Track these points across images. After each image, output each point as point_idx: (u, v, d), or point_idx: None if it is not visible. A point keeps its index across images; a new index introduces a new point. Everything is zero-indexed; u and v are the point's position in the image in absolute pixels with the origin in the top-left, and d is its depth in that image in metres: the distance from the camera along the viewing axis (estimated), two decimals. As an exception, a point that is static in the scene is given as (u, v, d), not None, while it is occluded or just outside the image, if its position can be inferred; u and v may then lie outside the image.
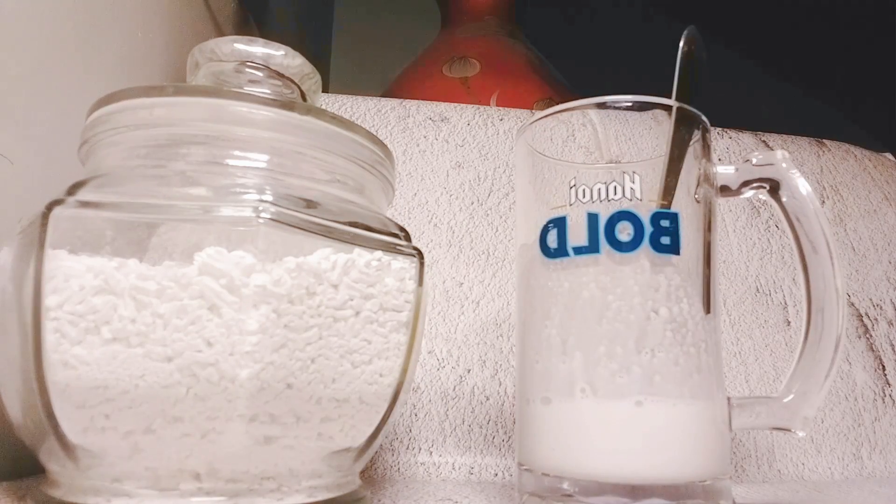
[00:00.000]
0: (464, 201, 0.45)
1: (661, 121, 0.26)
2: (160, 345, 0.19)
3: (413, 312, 0.23)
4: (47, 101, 0.29)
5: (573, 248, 0.25)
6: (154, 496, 0.20)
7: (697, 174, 0.26)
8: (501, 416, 0.38)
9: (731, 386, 0.41)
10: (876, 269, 0.48)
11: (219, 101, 0.22)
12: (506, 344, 0.40)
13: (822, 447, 0.40)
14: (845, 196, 0.52)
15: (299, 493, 0.22)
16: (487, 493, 0.30)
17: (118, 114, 0.23)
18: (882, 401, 0.43)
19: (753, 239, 0.47)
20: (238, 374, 0.19)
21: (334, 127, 0.24)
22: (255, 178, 0.22)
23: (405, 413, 0.37)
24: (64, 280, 0.19)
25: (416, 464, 0.36)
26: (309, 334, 0.21)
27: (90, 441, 0.19)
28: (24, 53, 0.27)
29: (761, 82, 1.21)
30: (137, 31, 0.37)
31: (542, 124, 0.28)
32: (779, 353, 0.43)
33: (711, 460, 0.24)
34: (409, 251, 0.24)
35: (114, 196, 0.21)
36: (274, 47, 0.27)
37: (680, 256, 0.25)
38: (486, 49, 0.75)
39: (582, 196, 0.25)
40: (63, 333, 0.19)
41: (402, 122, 0.48)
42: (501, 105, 0.66)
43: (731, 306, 0.44)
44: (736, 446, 0.39)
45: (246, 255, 0.20)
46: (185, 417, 0.19)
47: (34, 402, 0.19)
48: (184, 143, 0.22)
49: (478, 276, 0.42)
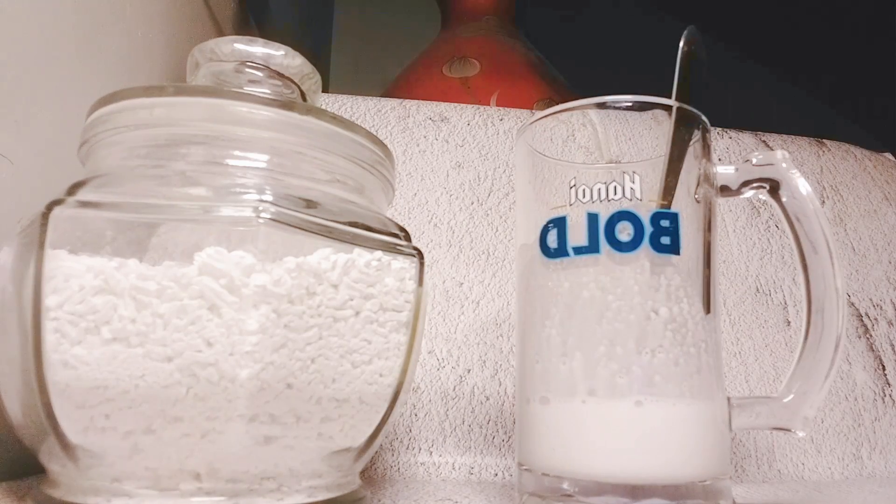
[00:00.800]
0: (464, 201, 0.45)
1: (662, 121, 0.26)
2: (160, 345, 0.19)
3: (413, 312, 0.23)
4: (47, 101, 0.29)
5: (573, 248, 0.25)
6: (154, 496, 0.20)
7: (697, 174, 0.26)
8: (501, 416, 0.38)
9: (731, 386, 0.41)
10: (876, 269, 0.48)
11: (219, 101, 0.22)
12: (506, 344, 0.40)
13: (822, 447, 0.40)
14: (845, 196, 0.52)
15: (299, 493, 0.22)
16: (487, 493, 0.30)
17: (118, 114, 0.23)
18: (882, 401, 0.43)
19: (753, 239, 0.47)
20: (238, 374, 0.19)
21: (334, 127, 0.24)
22: (255, 178, 0.22)
23: (405, 413, 0.37)
24: (64, 280, 0.19)
25: (416, 464, 0.36)
26: (309, 334, 0.21)
27: (90, 441, 0.19)
28: (24, 53, 0.27)
29: (761, 82, 1.21)
30: (137, 31, 0.37)
31: (542, 124, 0.28)
32: (779, 353, 0.43)
33: (711, 460, 0.24)
34: (409, 251, 0.24)
35: (114, 196, 0.21)
36: (274, 47, 0.27)
37: (680, 256, 0.25)
38: (486, 49, 0.75)
39: (582, 196, 0.25)
40: (63, 333, 0.19)
41: (402, 122, 0.48)
42: (501, 105, 0.66)
43: (731, 306, 0.44)
44: (736, 446, 0.39)
45: (246, 255, 0.20)
46: (185, 417, 0.19)
47: (34, 402, 0.19)
48: (184, 143, 0.22)
49: (478, 276, 0.42)
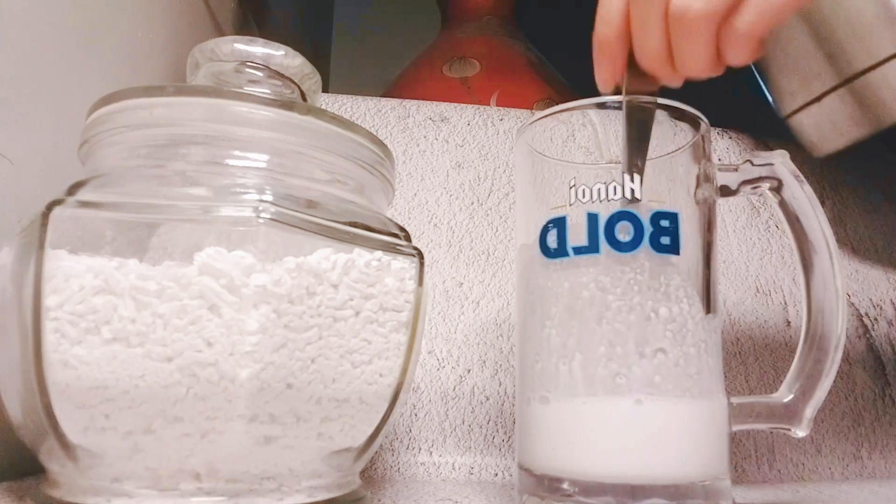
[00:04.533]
0: (464, 201, 0.45)
1: (662, 121, 0.26)
2: (160, 345, 0.19)
3: (413, 312, 0.23)
4: (47, 101, 0.29)
5: (573, 248, 0.25)
6: (154, 496, 0.20)
7: (697, 174, 0.26)
8: (501, 416, 0.38)
9: (731, 386, 0.41)
10: (876, 269, 0.48)
11: (219, 101, 0.22)
12: (506, 344, 0.40)
13: (822, 447, 0.40)
14: (845, 196, 0.52)
15: (299, 493, 0.22)
16: (487, 493, 0.30)
17: (118, 114, 0.23)
18: (882, 401, 0.43)
19: (753, 239, 0.47)
20: (238, 374, 0.19)
21: (334, 127, 0.24)
22: (255, 178, 0.22)
23: (405, 413, 0.37)
24: (64, 280, 0.19)
25: (416, 464, 0.36)
26: (309, 334, 0.21)
27: (90, 441, 0.19)
28: (24, 53, 0.27)
29: (761, 82, 1.20)
30: (137, 30, 0.37)
31: (542, 124, 0.28)
32: (779, 353, 0.43)
33: (711, 460, 0.24)
34: (409, 251, 0.24)
35: (114, 196, 0.21)
36: (274, 47, 0.27)
37: (680, 256, 0.25)
38: (486, 49, 0.74)
39: (582, 196, 0.25)
40: (63, 333, 0.19)
41: (402, 122, 0.48)
42: (501, 105, 0.66)
43: (731, 306, 0.44)
44: (736, 446, 0.39)
45: (246, 255, 0.20)
46: (185, 417, 0.19)
47: (34, 402, 0.19)
48: (184, 143, 0.22)
49: (478, 276, 0.42)
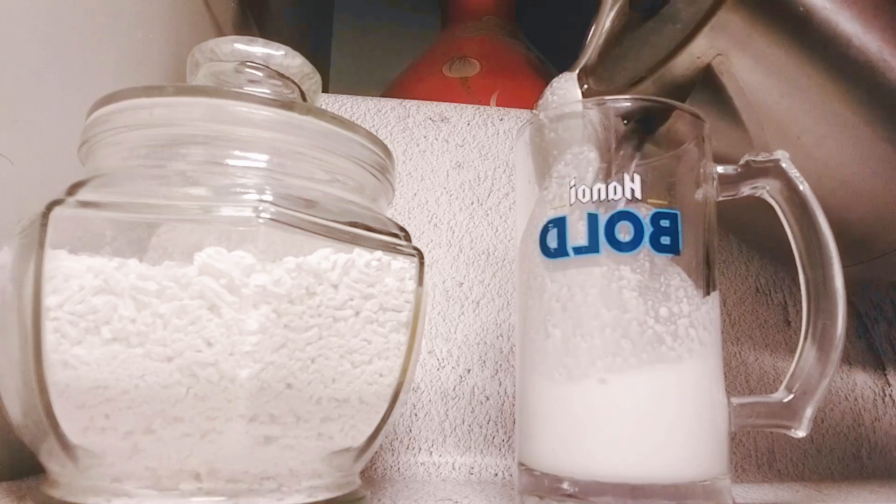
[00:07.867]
0: (464, 201, 0.45)
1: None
2: (160, 345, 0.19)
3: (413, 312, 0.23)
4: (47, 101, 0.29)
5: (573, 248, 0.25)
6: (154, 496, 0.20)
7: (697, 174, 0.26)
8: (501, 416, 0.38)
9: (731, 386, 0.41)
10: (876, 269, 0.48)
11: (219, 101, 0.22)
12: (506, 344, 0.40)
13: (822, 447, 0.40)
14: (845, 196, 0.52)
15: (299, 493, 0.22)
16: (487, 493, 0.30)
17: (118, 114, 0.23)
18: (882, 401, 0.43)
19: (753, 239, 0.47)
20: (238, 374, 0.19)
21: (334, 127, 0.24)
22: (255, 178, 0.22)
23: (405, 413, 0.37)
24: (64, 280, 0.19)
25: (416, 464, 0.36)
26: (309, 334, 0.21)
27: (90, 441, 0.19)
28: (24, 53, 0.27)
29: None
30: (137, 30, 0.37)
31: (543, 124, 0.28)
32: (779, 353, 0.43)
33: (711, 460, 0.24)
34: (409, 251, 0.24)
35: (114, 196, 0.21)
36: (274, 47, 0.27)
37: (680, 256, 0.25)
38: (486, 49, 0.74)
39: (582, 196, 0.25)
40: (63, 333, 0.19)
41: (402, 122, 0.48)
42: (501, 105, 0.66)
43: (731, 306, 0.44)
44: (736, 446, 0.39)
45: (246, 255, 0.20)
46: (185, 417, 0.19)
47: (34, 402, 0.19)
48: (184, 143, 0.22)
49: (478, 276, 0.42)
